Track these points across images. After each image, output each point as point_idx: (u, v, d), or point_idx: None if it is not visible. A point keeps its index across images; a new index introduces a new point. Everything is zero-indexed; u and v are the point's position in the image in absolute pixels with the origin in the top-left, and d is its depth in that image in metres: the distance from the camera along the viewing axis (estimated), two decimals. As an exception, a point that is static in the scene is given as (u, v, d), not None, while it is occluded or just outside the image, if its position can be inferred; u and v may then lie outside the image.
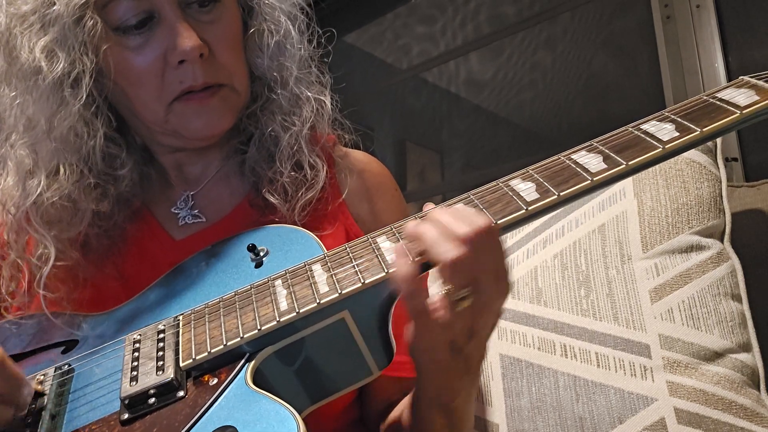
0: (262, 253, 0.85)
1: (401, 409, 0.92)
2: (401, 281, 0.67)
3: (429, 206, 0.74)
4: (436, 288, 0.67)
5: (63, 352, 0.86)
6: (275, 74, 0.98)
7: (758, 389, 1.06)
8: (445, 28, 2.31)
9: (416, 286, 0.66)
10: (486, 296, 0.66)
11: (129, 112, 0.95)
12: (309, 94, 1.00)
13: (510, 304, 1.25)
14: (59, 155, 0.90)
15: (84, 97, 0.87)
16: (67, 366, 0.82)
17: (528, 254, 1.29)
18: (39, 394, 0.78)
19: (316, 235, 0.85)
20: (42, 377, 0.81)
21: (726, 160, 1.55)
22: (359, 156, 1.09)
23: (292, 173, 0.96)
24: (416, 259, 0.68)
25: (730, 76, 1.64)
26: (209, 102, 0.91)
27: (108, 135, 0.93)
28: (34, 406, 0.77)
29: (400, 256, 0.68)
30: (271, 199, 0.95)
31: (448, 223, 0.66)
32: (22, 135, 0.90)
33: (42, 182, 0.90)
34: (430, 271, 0.70)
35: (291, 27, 0.99)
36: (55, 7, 0.84)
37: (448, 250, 0.64)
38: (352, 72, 2.54)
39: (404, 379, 0.95)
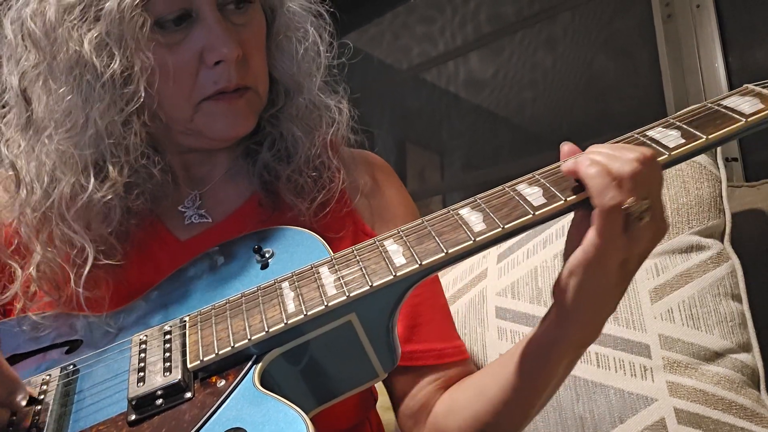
0: (267, 255, 0.85)
1: (470, 387, 0.93)
2: (591, 179, 0.68)
3: (566, 146, 0.76)
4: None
5: (67, 352, 0.86)
6: (299, 80, 0.99)
7: (758, 389, 1.06)
8: (445, 28, 2.31)
9: (608, 184, 0.67)
10: (659, 214, 0.70)
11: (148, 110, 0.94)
12: (329, 102, 1.01)
13: (510, 304, 1.25)
14: (107, 151, 0.88)
15: (141, 95, 0.85)
16: (72, 366, 0.82)
17: (528, 254, 1.29)
18: (34, 399, 0.78)
19: (330, 237, 0.85)
20: (47, 377, 0.81)
21: (726, 160, 1.56)
22: (363, 153, 1.10)
23: (313, 173, 0.97)
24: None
25: (731, 76, 1.65)
26: (237, 103, 0.91)
27: (148, 132, 0.92)
28: (39, 407, 0.77)
29: (586, 163, 0.69)
30: (287, 198, 0.95)
31: (613, 150, 0.70)
32: (68, 131, 0.87)
33: (92, 180, 0.87)
34: None
35: (317, 37, 0.99)
36: (108, 3, 0.82)
37: (625, 163, 0.67)
38: (352, 72, 2.54)
39: (420, 369, 0.97)
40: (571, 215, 0.75)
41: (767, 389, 1.07)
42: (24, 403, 0.76)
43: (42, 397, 0.78)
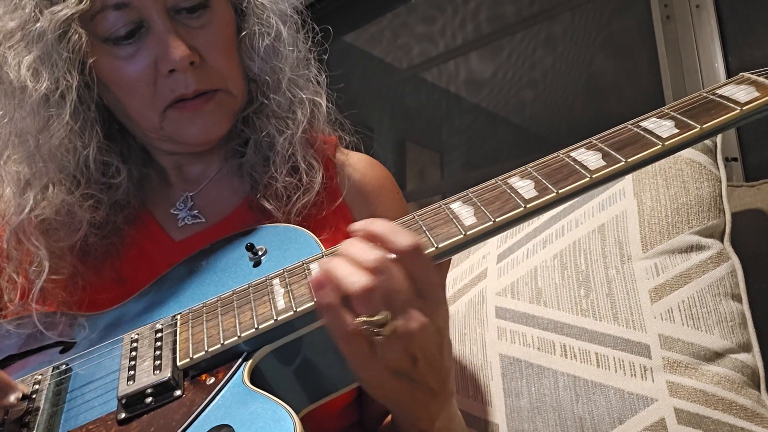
0: (260, 252, 0.85)
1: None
2: (321, 311, 0.65)
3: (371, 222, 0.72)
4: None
5: (61, 352, 0.86)
6: (268, 77, 0.97)
7: (758, 389, 1.05)
8: (445, 27, 2.31)
9: (337, 314, 0.63)
10: (409, 318, 0.63)
11: (126, 118, 0.95)
12: (303, 95, 0.99)
13: (510, 304, 1.25)
14: (50, 170, 0.90)
15: (70, 113, 0.87)
16: (64, 365, 0.82)
17: (528, 254, 1.28)
18: (28, 397, 0.78)
19: (321, 238, 0.85)
20: (39, 377, 0.81)
21: (726, 159, 1.55)
22: (361, 159, 1.08)
23: (287, 178, 0.95)
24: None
25: (730, 76, 1.64)
26: (204, 108, 0.91)
27: (101, 145, 0.93)
28: (30, 405, 0.77)
29: (317, 288, 0.65)
30: (267, 205, 0.94)
31: (356, 254, 0.64)
32: (14, 151, 0.90)
33: (34, 197, 0.90)
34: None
35: (282, 28, 0.97)
36: (39, 24, 0.83)
37: (354, 282, 0.62)
38: (352, 72, 2.54)
39: None
40: (575, 209, 0.75)
41: (767, 389, 1.06)
42: (16, 402, 0.76)
43: (34, 396, 0.78)
